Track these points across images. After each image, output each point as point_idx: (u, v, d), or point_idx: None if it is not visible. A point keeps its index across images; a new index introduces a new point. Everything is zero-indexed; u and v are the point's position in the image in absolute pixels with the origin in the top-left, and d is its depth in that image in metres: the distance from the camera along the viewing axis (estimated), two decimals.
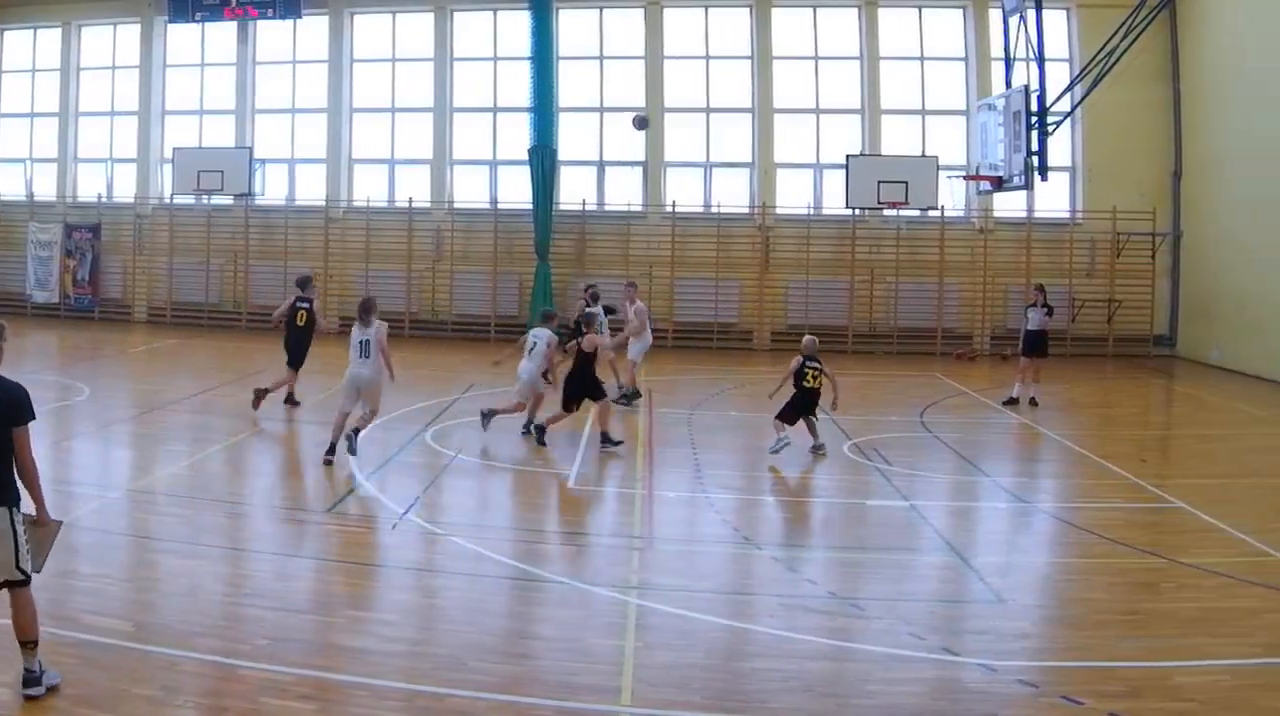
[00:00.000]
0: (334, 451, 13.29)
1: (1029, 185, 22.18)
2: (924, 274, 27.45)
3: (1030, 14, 21.69)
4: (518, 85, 28.55)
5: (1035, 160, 21.51)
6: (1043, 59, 21.63)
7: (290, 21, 29.47)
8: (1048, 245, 27.36)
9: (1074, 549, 10.86)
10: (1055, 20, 26.00)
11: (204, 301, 30.00)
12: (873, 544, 10.97)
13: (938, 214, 27.25)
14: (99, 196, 31.19)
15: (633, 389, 18.42)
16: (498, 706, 6.86)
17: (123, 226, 30.60)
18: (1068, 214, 27.69)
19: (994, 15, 25.58)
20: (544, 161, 27.72)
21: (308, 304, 17.08)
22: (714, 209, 28.33)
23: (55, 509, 7.17)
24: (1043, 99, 21.50)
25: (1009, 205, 27.47)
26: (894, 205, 26.74)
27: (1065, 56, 26.64)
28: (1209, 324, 25.60)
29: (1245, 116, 23.87)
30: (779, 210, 28.15)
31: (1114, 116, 26.32)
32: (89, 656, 7.22)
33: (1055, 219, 27.60)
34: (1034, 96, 21.50)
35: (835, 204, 27.71)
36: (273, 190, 30.58)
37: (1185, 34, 26.59)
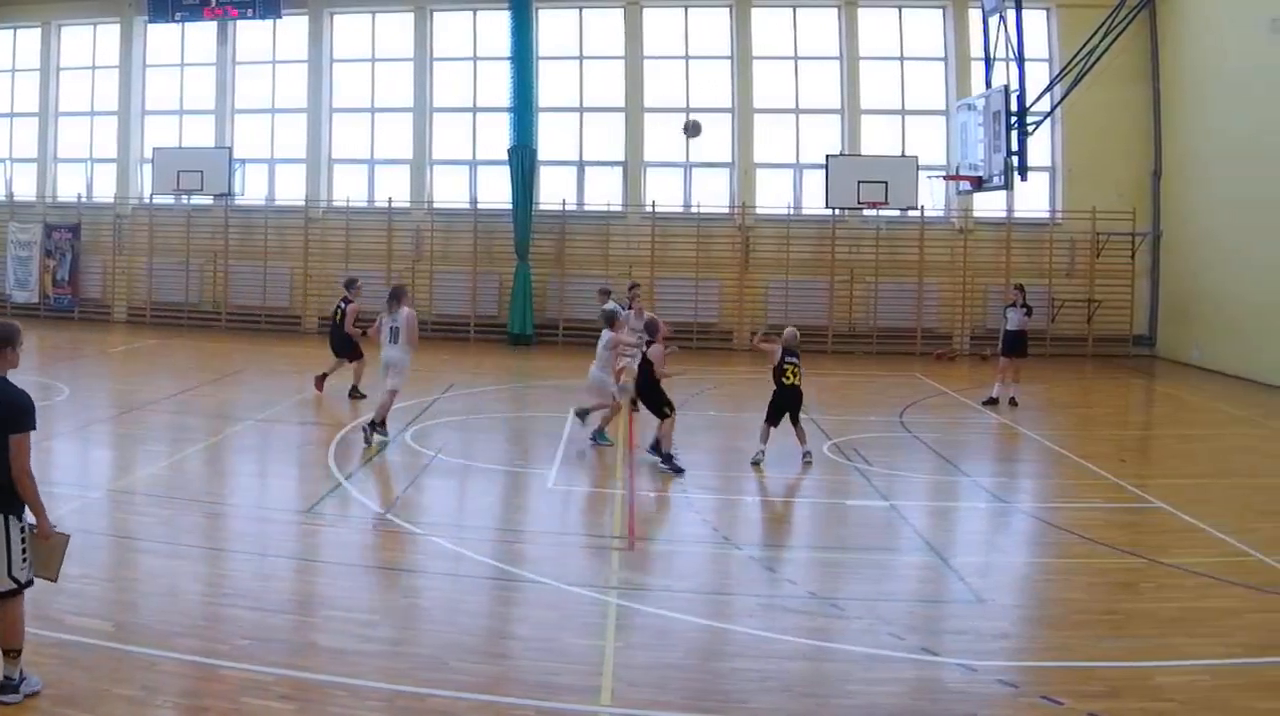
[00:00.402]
0: (380, 427, 14.46)
1: (1009, 185, 22.19)
2: (904, 274, 27.53)
3: (1010, 14, 21.71)
4: (497, 85, 28.52)
5: (1015, 160, 21.51)
6: (1022, 59, 21.65)
7: (270, 21, 29.38)
8: (1027, 245, 27.48)
9: (1054, 549, 10.91)
10: (1035, 20, 26.10)
11: (184, 301, 29.90)
12: (852, 544, 10.98)
13: (917, 214, 27.30)
14: (79, 196, 31.06)
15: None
16: (478, 706, 6.86)
17: (102, 226, 30.45)
18: (1047, 214, 27.81)
19: (974, 15, 25.61)
20: (524, 161, 27.68)
21: (344, 304, 18.67)
22: (694, 209, 28.35)
23: None
24: (1022, 99, 21.54)
25: (988, 205, 27.58)
26: (874, 205, 26.78)
27: (1045, 56, 26.78)
28: (1188, 324, 25.72)
29: (1224, 116, 24.00)
30: (759, 210, 28.18)
31: (1094, 116, 26.44)
32: (69, 656, 7.20)
33: (1035, 219, 27.71)
34: (1014, 96, 21.52)
35: (815, 204, 27.74)
36: (252, 190, 30.52)
37: (1165, 34, 26.74)
